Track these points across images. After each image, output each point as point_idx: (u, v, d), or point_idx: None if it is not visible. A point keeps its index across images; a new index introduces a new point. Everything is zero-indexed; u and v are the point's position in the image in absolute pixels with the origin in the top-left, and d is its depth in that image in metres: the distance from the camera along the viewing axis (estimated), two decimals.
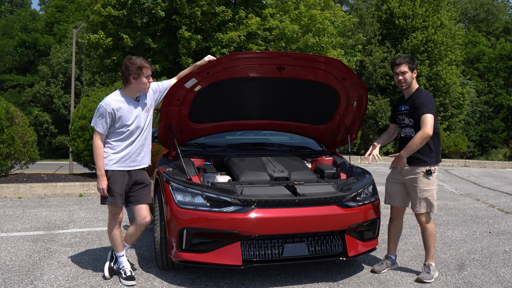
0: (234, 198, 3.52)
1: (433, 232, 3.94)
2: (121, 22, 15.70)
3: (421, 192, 3.85)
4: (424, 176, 3.83)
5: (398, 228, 4.13)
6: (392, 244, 4.14)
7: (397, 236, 4.15)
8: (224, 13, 15.09)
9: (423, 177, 3.84)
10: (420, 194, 3.85)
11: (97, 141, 3.58)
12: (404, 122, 3.95)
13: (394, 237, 4.14)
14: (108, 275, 3.78)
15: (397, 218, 4.10)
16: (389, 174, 4.14)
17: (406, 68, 3.86)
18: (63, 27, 45.35)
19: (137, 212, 3.73)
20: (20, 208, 6.56)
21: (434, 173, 3.85)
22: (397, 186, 4.02)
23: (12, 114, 8.40)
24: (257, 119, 4.66)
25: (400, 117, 4.00)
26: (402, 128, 3.98)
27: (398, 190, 4.02)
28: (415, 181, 3.86)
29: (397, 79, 3.92)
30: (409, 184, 3.92)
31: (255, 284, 3.70)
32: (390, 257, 4.14)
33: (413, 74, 3.89)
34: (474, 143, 34.43)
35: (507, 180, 11.78)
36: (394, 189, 4.05)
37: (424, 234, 3.95)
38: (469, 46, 40.30)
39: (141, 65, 3.56)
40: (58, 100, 39.39)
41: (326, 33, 16.54)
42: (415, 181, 3.87)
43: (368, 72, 26.19)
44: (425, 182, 3.85)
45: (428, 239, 3.93)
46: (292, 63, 3.94)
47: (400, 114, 3.99)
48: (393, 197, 4.06)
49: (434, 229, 3.96)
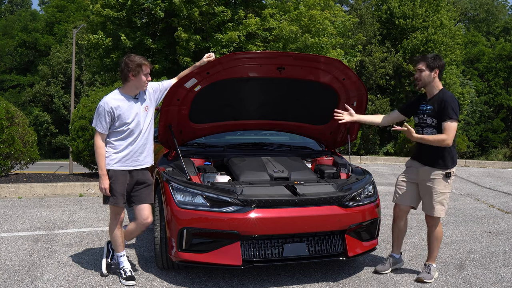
0: (234, 198, 3.52)
1: (440, 236, 3.90)
2: (121, 23, 15.71)
3: (437, 194, 3.78)
4: (443, 179, 3.77)
5: (402, 228, 4.05)
6: (396, 242, 4.08)
7: (401, 236, 4.07)
8: (224, 13, 15.09)
9: (442, 180, 3.77)
10: (436, 197, 3.78)
11: (98, 141, 3.58)
12: (426, 122, 3.83)
13: (398, 237, 4.06)
14: (106, 271, 3.80)
15: (400, 218, 4.03)
16: (403, 172, 4.06)
17: (423, 66, 3.78)
18: (63, 27, 45.35)
19: (139, 212, 3.73)
20: (20, 208, 6.56)
21: (452, 176, 3.80)
22: (410, 186, 3.95)
23: (12, 114, 8.40)
24: (257, 119, 4.66)
25: (421, 116, 3.87)
26: (423, 128, 3.84)
27: (410, 189, 3.95)
28: (433, 182, 3.79)
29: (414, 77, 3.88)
30: (424, 185, 3.84)
31: (255, 284, 3.70)
32: (394, 256, 4.07)
33: (433, 73, 3.77)
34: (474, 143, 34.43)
35: (507, 180, 11.78)
36: (406, 188, 3.97)
37: (431, 237, 3.91)
38: (469, 46, 40.30)
39: (140, 63, 3.57)
40: (58, 100, 39.40)
41: (326, 33, 16.53)
42: (433, 183, 3.79)
43: (368, 72, 26.20)
44: (443, 184, 3.78)
45: (433, 241, 3.90)
46: (292, 63, 3.94)
47: (422, 114, 3.85)
48: (403, 196, 3.97)
49: (441, 233, 3.92)
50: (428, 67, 3.77)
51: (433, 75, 3.78)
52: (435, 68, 3.78)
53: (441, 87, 3.83)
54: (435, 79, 3.80)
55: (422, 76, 3.79)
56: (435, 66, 3.77)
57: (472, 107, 34.01)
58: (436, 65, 3.77)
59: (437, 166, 3.77)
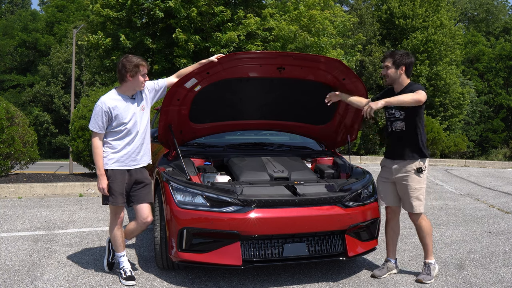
0: (234, 198, 3.52)
1: (428, 229, 3.88)
2: (121, 23, 15.71)
3: (412, 191, 3.79)
4: (416, 174, 3.78)
5: (395, 229, 4.03)
6: (391, 246, 4.05)
7: (395, 238, 4.05)
8: (223, 13, 15.09)
9: (415, 175, 3.78)
10: (412, 193, 3.79)
11: (96, 141, 3.59)
12: (394, 116, 3.83)
13: (392, 239, 4.04)
14: (107, 268, 3.90)
15: (392, 219, 4.02)
16: (379, 173, 4.07)
17: (390, 63, 3.78)
18: (63, 27, 45.34)
19: (139, 212, 3.74)
20: (20, 208, 6.56)
21: (424, 170, 3.80)
22: (388, 185, 3.96)
23: (12, 114, 8.41)
24: (257, 119, 4.65)
25: (389, 111, 3.86)
26: (392, 122, 3.85)
27: (389, 189, 3.96)
28: (406, 180, 3.80)
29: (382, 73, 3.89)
30: (400, 183, 3.86)
31: (255, 284, 3.70)
32: (390, 260, 4.03)
33: (399, 70, 3.77)
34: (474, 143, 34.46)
35: (507, 180, 11.78)
36: (385, 188, 3.98)
37: (420, 233, 3.90)
38: (469, 46, 40.32)
39: (138, 63, 3.58)
40: (58, 100, 39.41)
41: (326, 33, 16.53)
42: (407, 180, 3.80)
43: (368, 72, 26.22)
44: (416, 180, 3.79)
45: (424, 237, 3.88)
46: (292, 63, 3.94)
47: (390, 108, 3.84)
48: (385, 196, 3.99)
49: (429, 226, 3.90)
50: (394, 64, 3.77)
51: (399, 72, 3.79)
52: (401, 65, 3.77)
53: (408, 81, 3.83)
54: (401, 76, 3.80)
55: (388, 73, 3.81)
56: (401, 63, 3.77)
57: (472, 107, 34.03)
58: (403, 62, 3.77)
59: (406, 158, 3.78)
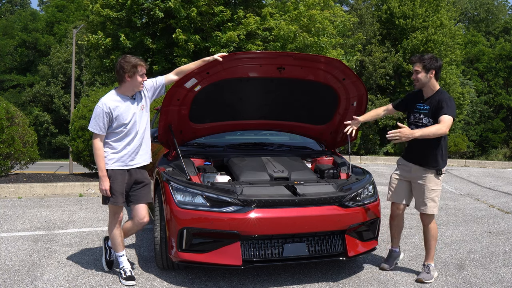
0: (234, 198, 3.52)
1: (435, 233, 3.94)
2: (120, 23, 15.70)
3: (429, 192, 3.84)
4: (435, 176, 3.83)
5: (399, 224, 4.15)
6: (396, 238, 4.17)
7: (399, 230, 4.18)
8: (223, 13, 15.08)
9: (434, 177, 3.83)
10: (428, 194, 3.84)
11: (97, 142, 3.59)
12: (421, 122, 3.85)
13: (397, 231, 4.16)
14: (106, 267, 3.91)
15: (398, 216, 4.10)
16: (395, 170, 4.11)
17: (419, 67, 3.80)
18: (63, 27, 45.31)
19: (136, 212, 3.74)
20: (20, 208, 6.56)
21: (443, 173, 3.87)
22: (402, 183, 4.02)
23: (12, 114, 8.41)
24: (257, 119, 4.65)
25: (417, 115, 3.90)
26: (418, 127, 3.83)
27: (403, 187, 4.01)
28: (425, 179, 3.85)
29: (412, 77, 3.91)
30: (416, 183, 3.91)
31: (255, 284, 3.70)
32: (395, 250, 4.17)
33: (429, 74, 3.79)
34: (474, 143, 34.43)
35: (507, 180, 11.78)
36: (398, 186, 4.03)
37: (427, 235, 3.94)
38: (469, 46, 40.28)
39: (136, 64, 3.57)
40: (58, 100, 39.38)
41: (325, 33, 16.53)
42: (425, 180, 3.85)
43: (368, 72, 26.21)
44: (434, 182, 3.84)
45: (430, 240, 3.92)
46: (292, 63, 3.94)
47: (418, 113, 3.88)
48: (397, 194, 4.04)
49: (436, 230, 3.96)
50: (425, 69, 3.80)
51: (429, 76, 3.81)
52: (431, 69, 3.80)
53: (438, 87, 3.87)
54: (431, 80, 3.82)
55: (419, 77, 3.83)
56: (431, 67, 3.79)
57: (472, 107, 33.99)
58: (432, 66, 3.79)
59: (429, 166, 3.83)
